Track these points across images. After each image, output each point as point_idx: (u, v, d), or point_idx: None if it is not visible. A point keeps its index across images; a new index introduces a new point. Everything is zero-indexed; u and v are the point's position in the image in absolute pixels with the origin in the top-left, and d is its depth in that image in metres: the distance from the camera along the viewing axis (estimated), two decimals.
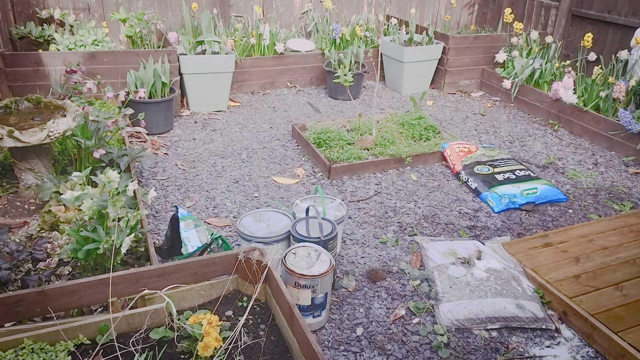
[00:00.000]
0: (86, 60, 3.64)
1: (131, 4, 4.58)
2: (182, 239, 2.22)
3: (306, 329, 1.52)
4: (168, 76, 3.72)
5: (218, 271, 1.87)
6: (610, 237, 2.54)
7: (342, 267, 2.38)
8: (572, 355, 1.95)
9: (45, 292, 1.63)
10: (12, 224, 2.39)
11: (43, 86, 3.58)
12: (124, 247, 1.84)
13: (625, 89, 3.74)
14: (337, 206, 2.42)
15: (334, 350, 1.92)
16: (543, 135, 4.03)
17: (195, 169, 3.25)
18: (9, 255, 2.03)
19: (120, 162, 2.73)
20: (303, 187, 3.08)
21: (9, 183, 2.70)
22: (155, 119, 3.63)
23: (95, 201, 1.91)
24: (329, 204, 2.42)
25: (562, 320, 2.10)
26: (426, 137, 3.61)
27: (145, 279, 1.75)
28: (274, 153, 3.52)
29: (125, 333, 1.66)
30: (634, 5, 4.34)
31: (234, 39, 4.50)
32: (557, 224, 2.81)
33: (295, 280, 1.87)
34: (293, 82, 4.85)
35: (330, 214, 2.32)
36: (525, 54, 4.74)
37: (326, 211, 2.33)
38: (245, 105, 4.40)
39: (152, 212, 2.74)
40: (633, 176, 3.40)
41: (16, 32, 3.99)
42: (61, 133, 2.41)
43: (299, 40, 4.94)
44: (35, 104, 2.70)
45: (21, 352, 1.50)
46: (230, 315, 1.80)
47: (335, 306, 2.14)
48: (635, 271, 2.28)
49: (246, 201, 2.90)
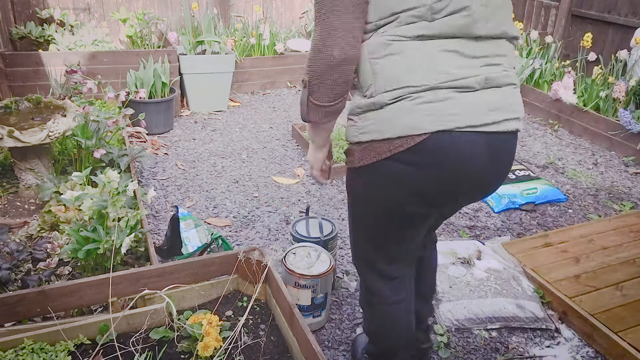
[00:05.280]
0: (86, 60, 3.64)
1: (131, 4, 4.58)
2: (182, 239, 2.22)
3: (306, 329, 1.52)
4: (168, 76, 3.72)
5: (218, 271, 1.87)
6: (610, 237, 2.54)
7: (342, 267, 2.38)
8: (572, 355, 1.95)
9: (45, 292, 1.63)
10: (12, 224, 2.39)
11: (43, 86, 3.58)
12: (124, 247, 1.84)
13: (625, 89, 3.74)
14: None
15: (334, 350, 1.92)
16: (543, 135, 4.03)
17: (195, 169, 3.25)
18: (9, 255, 2.03)
19: (120, 162, 2.73)
20: (303, 187, 3.08)
21: (9, 183, 2.70)
22: (155, 119, 3.63)
23: (95, 201, 1.91)
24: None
25: (562, 320, 2.10)
26: None
27: (145, 279, 1.75)
28: (274, 153, 3.52)
29: (125, 333, 1.66)
30: (634, 5, 4.34)
31: (234, 39, 4.50)
32: (557, 224, 2.81)
33: (295, 280, 1.87)
34: (293, 82, 4.85)
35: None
36: (525, 54, 4.74)
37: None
38: (245, 105, 4.40)
39: (152, 212, 2.74)
40: (633, 176, 3.40)
41: (16, 32, 3.99)
42: (61, 133, 2.41)
43: (299, 40, 4.94)
44: (35, 104, 2.70)
45: (21, 352, 1.50)
46: (230, 315, 1.80)
47: (335, 306, 2.14)
48: (635, 271, 2.28)
49: (246, 201, 2.90)
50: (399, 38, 1.09)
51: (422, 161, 1.12)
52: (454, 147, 1.10)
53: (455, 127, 1.09)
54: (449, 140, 1.09)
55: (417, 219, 1.28)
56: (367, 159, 1.17)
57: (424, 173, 1.14)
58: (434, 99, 1.08)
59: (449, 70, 1.09)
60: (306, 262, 1.92)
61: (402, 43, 1.09)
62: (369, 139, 1.15)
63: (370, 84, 1.14)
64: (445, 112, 1.08)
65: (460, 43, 1.10)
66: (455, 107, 1.09)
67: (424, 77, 1.08)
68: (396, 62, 1.09)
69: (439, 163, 1.12)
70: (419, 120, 1.08)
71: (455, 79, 1.09)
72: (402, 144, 1.11)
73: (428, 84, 1.08)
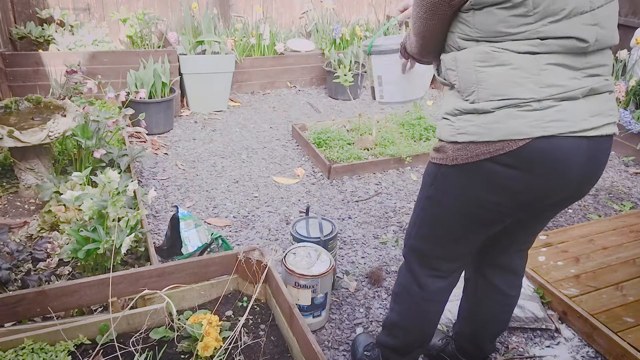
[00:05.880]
0: (86, 60, 3.64)
1: (131, 4, 4.58)
2: (182, 239, 2.22)
3: (306, 329, 1.52)
4: (168, 76, 3.72)
5: (218, 271, 1.87)
6: (610, 237, 2.54)
7: (342, 267, 2.38)
8: (572, 355, 1.95)
9: (45, 292, 1.63)
10: (12, 224, 2.39)
11: (43, 86, 3.58)
12: (124, 247, 1.84)
13: (625, 89, 3.74)
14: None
15: (334, 350, 1.92)
16: None
17: (195, 169, 3.25)
18: (9, 255, 2.03)
19: (120, 162, 2.73)
20: (303, 187, 3.08)
21: (9, 183, 2.70)
22: (155, 119, 3.63)
23: (95, 201, 1.91)
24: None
25: (562, 320, 2.10)
26: (426, 137, 3.61)
27: (145, 279, 1.75)
28: (274, 153, 3.52)
29: (125, 333, 1.66)
30: (634, 5, 4.34)
31: (234, 39, 4.50)
32: (557, 224, 2.81)
33: (295, 280, 1.87)
34: (293, 82, 4.85)
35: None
36: None
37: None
38: (245, 105, 4.40)
39: (152, 212, 2.74)
40: (633, 176, 3.40)
41: (16, 32, 3.99)
42: (61, 133, 2.41)
43: (299, 40, 4.94)
44: (35, 104, 2.70)
45: (21, 352, 1.50)
46: (230, 315, 1.80)
47: (335, 306, 2.14)
48: (635, 271, 2.28)
49: (246, 201, 2.90)
50: (507, 50, 1.10)
51: (522, 165, 1.14)
52: (555, 152, 1.12)
53: (557, 132, 1.11)
54: (550, 145, 1.11)
55: (493, 223, 1.31)
56: (462, 159, 1.19)
57: (522, 177, 1.16)
58: (539, 107, 1.10)
59: (555, 83, 1.10)
60: (306, 262, 1.92)
61: (511, 54, 1.10)
62: (467, 139, 1.17)
63: (474, 90, 1.15)
64: (548, 119, 1.10)
65: (571, 58, 1.11)
66: (558, 115, 1.10)
67: (531, 90, 1.10)
68: (504, 73, 1.11)
69: (538, 168, 1.14)
70: (522, 125, 1.10)
71: (562, 92, 1.10)
72: (504, 147, 1.13)
73: (535, 97, 1.10)
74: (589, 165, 1.19)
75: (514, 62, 1.10)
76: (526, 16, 1.07)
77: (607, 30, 1.13)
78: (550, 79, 1.10)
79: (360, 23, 5.23)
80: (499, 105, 1.12)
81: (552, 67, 1.10)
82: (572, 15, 1.08)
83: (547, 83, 1.10)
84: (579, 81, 1.12)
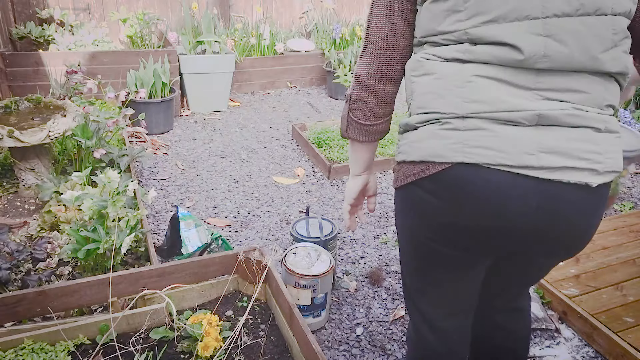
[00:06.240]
0: (86, 60, 3.64)
1: (131, 4, 4.58)
2: (182, 239, 2.22)
3: (306, 329, 1.52)
4: (168, 76, 3.72)
5: (218, 271, 1.87)
6: (610, 237, 2.54)
7: (342, 267, 2.38)
8: (572, 355, 1.95)
9: (45, 292, 1.63)
10: (12, 224, 2.39)
11: (43, 86, 3.58)
12: (124, 247, 1.84)
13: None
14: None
15: (334, 350, 1.92)
16: None
17: (195, 169, 3.25)
18: (9, 255, 2.03)
19: (120, 162, 2.73)
20: (303, 187, 3.08)
21: (9, 183, 2.70)
22: (155, 119, 3.63)
23: (95, 201, 1.91)
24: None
25: (562, 320, 2.10)
26: None
27: (145, 279, 1.75)
28: (274, 153, 3.52)
29: (125, 333, 1.66)
30: None
31: (234, 39, 4.50)
32: None
33: (295, 280, 1.87)
34: (293, 82, 4.85)
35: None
36: None
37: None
38: (245, 105, 4.40)
39: (152, 212, 2.74)
40: (633, 176, 3.40)
41: (16, 32, 3.99)
42: (61, 133, 2.41)
43: (299, 40, 4.94)
44: (35, 104, 2.70)
45: (21, 352, 1.50)
46: (230, 315, 1.80)
47: (335, 306, 2.14)
48: (635, 271, 2.28)
49: (246, 201, 2.90)
50: (434, 57, 0.99)
51: (443, 193, 0.98)
52: (479, 187, 0.94)
53: (483, 162, 0.92)
54: (474, 175, 0.94)
55: (449, 262, 1.10)
56: (399, 181, 1.07)
57: (444, 206, 0.99)
58: (462, 127, 0.94)
59: (483, 99, 0.93)
60: (306, 262, 1.92)
61: (435, 63, 0.98)
62: (401, 159, 1.06)
63: (410, 103, 1.05)
64: (474, 143, 0.93)
65: (511, 73, 0.93)
66: (488, 141, 0.92)
67: (452, 104, 0.95)
68: (428, 84, 0.99)
69: (460, 199, 0.96)
70: (442, 147, 0.96)
71: (491, 110, 0.92)
72: (424, 170, 0.98)
73: (456, 112, 0.94)
74: (543, 217, 0.95)
75: (438, 71, 0.97)
76: (457, 12, 0.95)
77: (571, 49, 0.91)
78: (477, 93, 0.93)
79: (360, 23, 5.23)
80: (422, 120, 1.00)
81: (480, 80, 0.93)
82: (512, 18, 0.91)
83: (472, 98, 0.93)
84: (523, 102, 0.92)
